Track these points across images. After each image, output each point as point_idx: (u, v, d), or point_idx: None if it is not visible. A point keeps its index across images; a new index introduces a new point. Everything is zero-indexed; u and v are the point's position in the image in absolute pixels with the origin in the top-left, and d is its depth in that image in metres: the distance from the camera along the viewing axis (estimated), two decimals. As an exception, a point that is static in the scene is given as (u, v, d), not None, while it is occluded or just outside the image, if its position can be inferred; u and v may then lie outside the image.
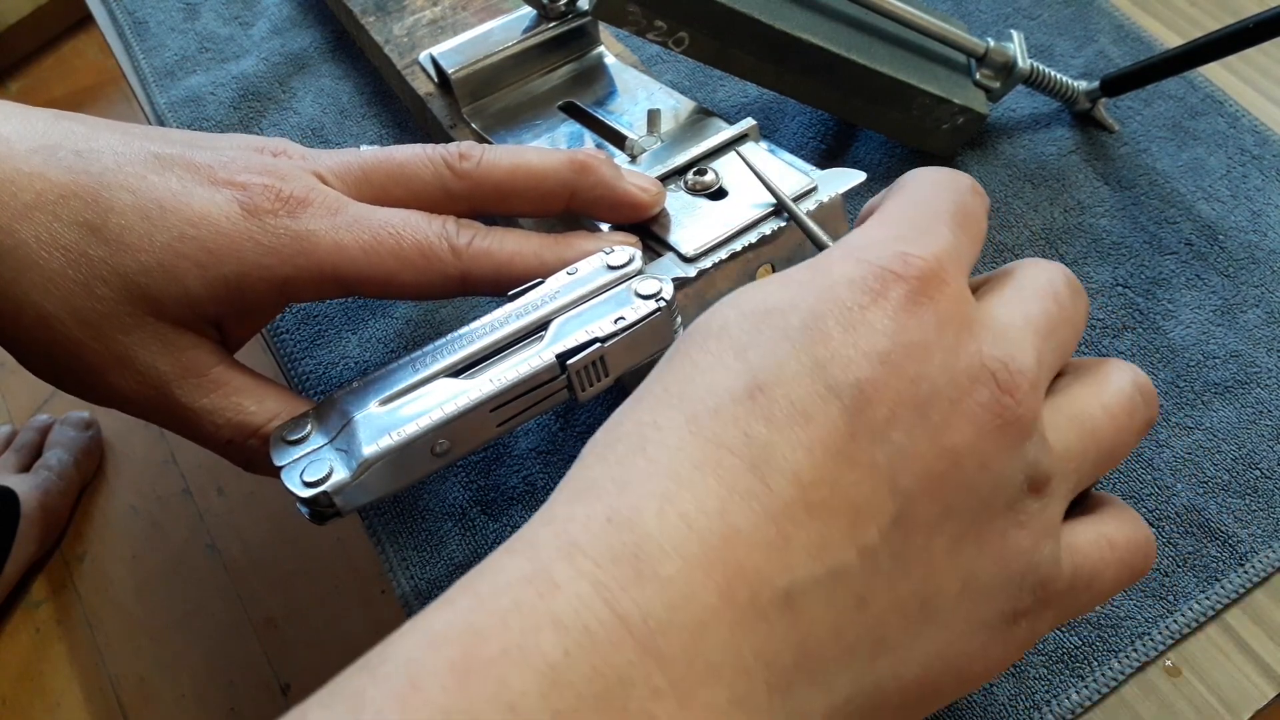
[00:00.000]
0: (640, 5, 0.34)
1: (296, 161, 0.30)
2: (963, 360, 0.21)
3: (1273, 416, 0.35)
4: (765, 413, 0.20)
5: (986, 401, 0.20)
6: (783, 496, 0.19)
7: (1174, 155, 0.41)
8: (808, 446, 0.19)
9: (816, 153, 0.43)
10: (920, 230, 0.22)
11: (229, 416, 0.28)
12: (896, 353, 0.20)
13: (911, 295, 0.21)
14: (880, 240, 0.22)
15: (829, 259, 0.22)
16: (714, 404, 0.20)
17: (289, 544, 1.17)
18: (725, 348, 0.21)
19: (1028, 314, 0.22)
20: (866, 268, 0.21)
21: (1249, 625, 0.32)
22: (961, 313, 0.21)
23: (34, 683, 1.12)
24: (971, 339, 0.21)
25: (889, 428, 0.20)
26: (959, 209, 0.23)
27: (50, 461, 1.19)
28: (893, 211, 0.24)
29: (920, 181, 0.24)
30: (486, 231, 0.30)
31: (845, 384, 0.20)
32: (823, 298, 0.21)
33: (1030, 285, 0.23)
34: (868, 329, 0.20)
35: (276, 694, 1.08)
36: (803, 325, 0.21)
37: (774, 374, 0.20)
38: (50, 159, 0.28)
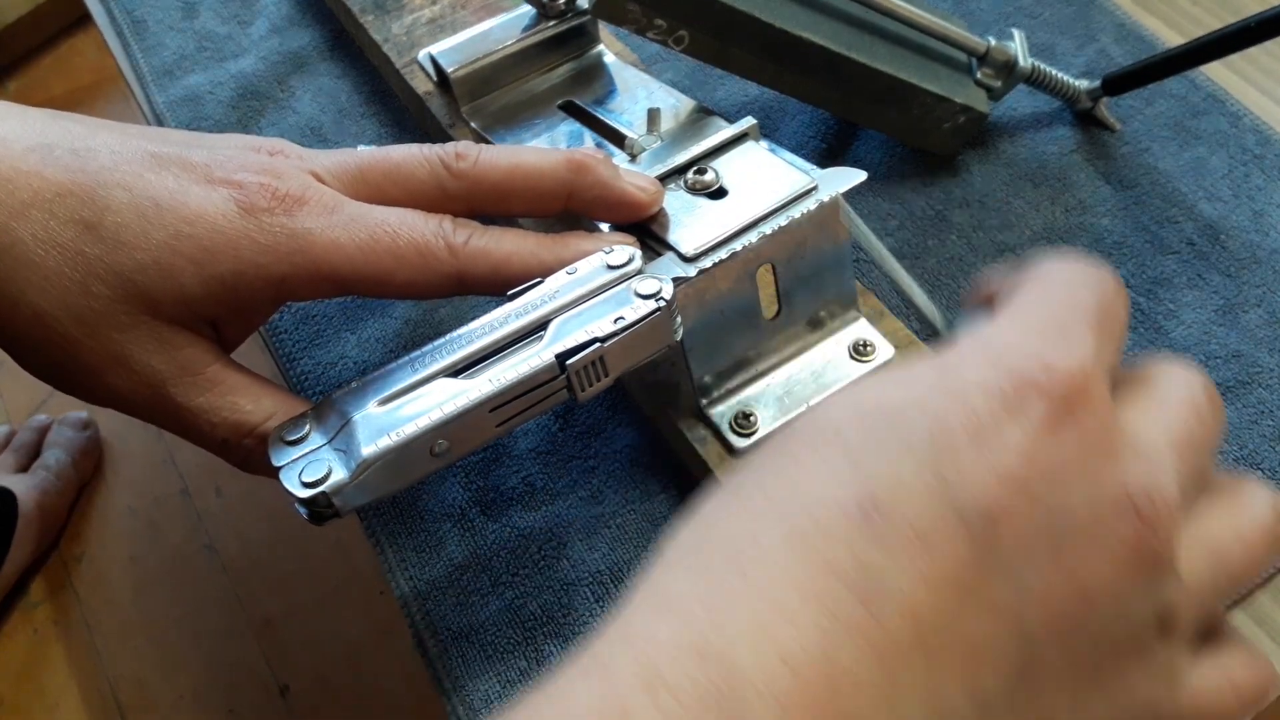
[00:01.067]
0: (640, 4, 0.34)
1: (293, 161, 0.30)
2: (1105, 489, 0.18)
3: (1274, 417, 0.35)
4: (880, 535, 0.17)
5: (1128, 537, 0.18)
6: (894, 635, 0.17)
7: (1176, 154, 0.41)
8: (926, 579, 0.17)
9: (817, 152, 0.43)
10: (1063, 334, 0.20)
11: (225, 416, 0.28)
12: (1033, 477, 0.18)
13: (1054, 412, 0.18)
14: (1018, 343, 0.20)
15: (960, 358, 0.20)
16: (823, 519, 0.18)
17: (287, 545, 1.17)
18: (837, 453, 0.19)
19: (1170, 432, 0.20)
20: (1004, 375, 0.19)
21: (1250, 626, 0.32)
22: (1105, 434, 0.19)
23: (32, 684, 1.12)
24: (1115, 464, 0.19)
25: (1019, 563, 0.18)
26: (1103, 309, 0.21)
27: (48, 462, 1.19)
28: (1030, 308, 0.21)
29: (1060, 274, 0.22)
30: (483, 230, 0.30)
31: (974, 510, 0.18)
32: (953, 405, 0.19)
33: (1173, 397, 0.21)
34: (1002, 447, 0.18)
35: (275, 695, 1.08)
36: (929, 436, 0.18)
37: (893, 491, 0.18)
38: (47, 157, 0.27)
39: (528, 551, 0.34)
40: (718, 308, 0.31)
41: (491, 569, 0.34)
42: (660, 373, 0.33)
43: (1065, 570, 0.18)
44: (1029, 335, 0.20)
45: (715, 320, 0.31)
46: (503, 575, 0.33)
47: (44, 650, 1.14)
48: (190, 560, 1.18)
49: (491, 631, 0.32)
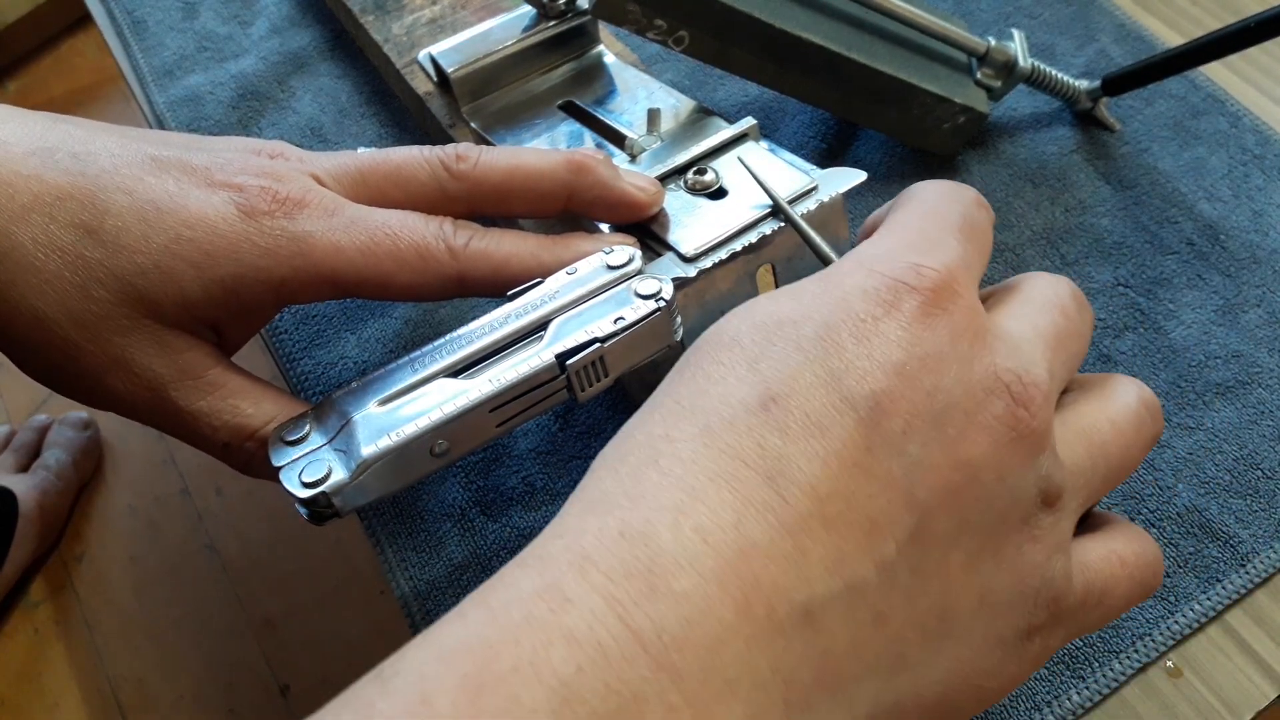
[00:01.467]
0: (640, 4, 0.34)
1: (293, 163, 0.30)
2: (977, 372, 0.20)
3: (1274, 417, 0.35)
4: (780, 424, 0.19)
5: (1002, 414, 0.20)
6: (799, 509, 0.19)
7: (1175, 155, 0.41)
8: (823, 458, 0.19)
9: (817, 152, 0.43)
10: (931, 242, 0.22)
11: (226, 419, 0.28)
12: (911, 364, 0.20)
13: (925, 306, 0.21)
14: (891, 251, 0.22)
15: (840, 270, 0.22)
16: (728, 415, 0.20)
17: (288, 545, 1.17)
18: (738, 359, 0.21)
19: (1037, 326, 0.22)
20: (879, 279, 0.21)
21: (1250, 626, 0.32)
22: (975, 324, 0.21)
23: (32, 684, 1.12)
24: (985, 351, 0.21)
25: (905, 440, 0.20)
26: (967, 221, 0.23)
27: (48, 462, 1.19)
28: (901, 223, 0.23)
29: (926, 194, 0.24)
30: (484, 232, 0.30)
31: (860, 396, 0.20)
32: (836, 309, 0.21)
33: (1038, 298, 0.23)
34: (882, 340, 0.20)
35: (275, 695, 1.08)
36: (816, 336, 0.20)
37: (788, 385, 0.20)
38: (47, 161, 0.27)
39: (528, 551, 0.34)
40: (718, 308, 0.31)
41: (492, 569, 0.34)
42: (660, 373, 0.33)
43: (947, 445, 0.20)
44: (901, 245, 0.22)
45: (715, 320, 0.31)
46: (503, 575, 0.33)
47: (44, 650, 1.14)
48: (190, 560, 1.18)
49: (492, 631, 0.32)
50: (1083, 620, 0.23)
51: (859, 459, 0.19)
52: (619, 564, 0.18)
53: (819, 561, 0.19)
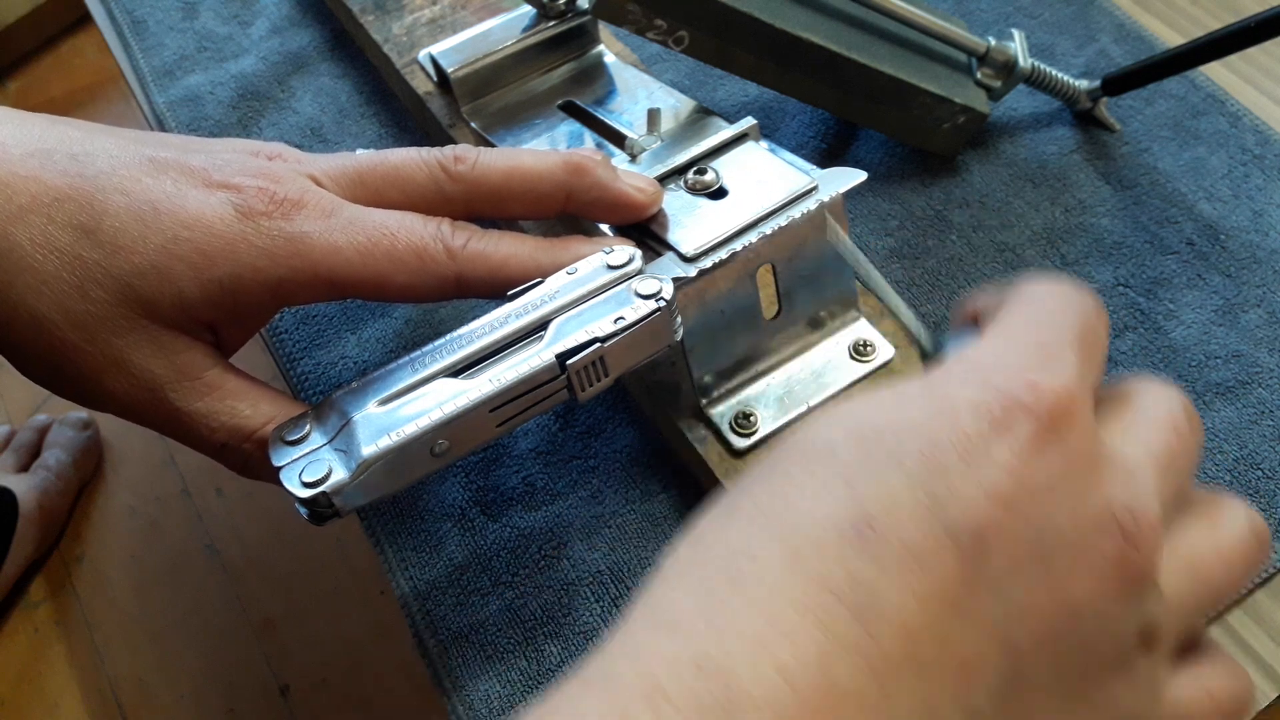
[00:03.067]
0: (640, 4, 0.34)
1: (291, 165, 0.30)
2: (1089, 507, 0.19)
3: (1274, 417, 0.35)
4: (874, 553, 0.18)
5: (1112, 554, 0.19)
6: (888, 651, 0.17)
7: (1175, 155, 0.41)
8: (919, 595, 0.18)
9: (817, 152, 0.43)
10: (1048, 355, 0.20)
11: (223, 420, 0.28)
12: (1021, 496, 0.18)
13: (1041, 431, 0.19)
14: (1005, 363, 0.20)
15: (949, 377, 0.20)
16: (817, 537, 0.18)
17: (288, 545, 1.17)
18: (831, 472, 0.19)
19: (1151, 449, 0.21)
20: (992, 395, 0.19)
21: (1250, 626, 0.32)
22: (1090, 453, 0.19)
23: (32, 684, 1.12)
24: (1099, 482, 0.19)
25: (1008, 580, 0.18)
26: (1087, 331, 0.21)
27: (49, 461, 1.19)
28: (1015, 328, 0.21)
29: (1044, 296, 0.22)
30: (482, 234, 0.30)
31: (964, 528, 0.18)
32: (943, 424, 0.19)
33: (1152, 415, 0.22)
34: (991, 466, 0.18)
35: (275, 695, 1.08)
36: (920, 455, 0.19)
37: (885, 509, 0.18)
38: (45, 162, 0.27)
39: (528, 551, 0.34)
40: (718, 308, 0.31)
41: (491, 569, 0.34)
42: (660, 373, 0.33)
43: (1051, 586, 0.18)
44: (1016, 356, 0.20)
45: (715, 320, 0.31)
46: (503, 575, 0.33)
47: (44, 650, 1.14)
48: (191, 560, 1.18)
49: (491, 631, 0.32)
50: None
51: (957, 598, 0.18)
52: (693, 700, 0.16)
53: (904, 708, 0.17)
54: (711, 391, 0.32)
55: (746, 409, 0.32)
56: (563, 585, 0.33)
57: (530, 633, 0.32)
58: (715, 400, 0.32)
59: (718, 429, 0.32)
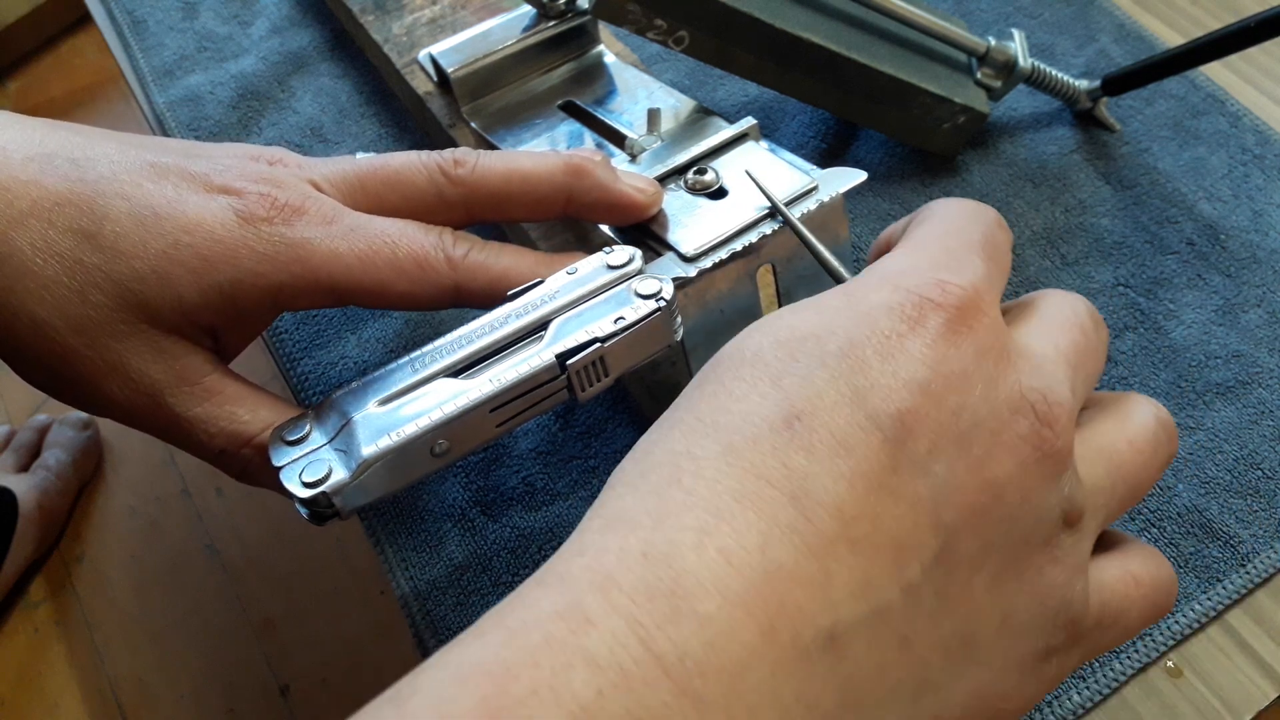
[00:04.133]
0: (640, 4, 0.34)
1: (292, 170, 0.30)
2: (1002, 391, 0.20)
3: (1274, 417, 0.35)
4: (804, 443, 0.19)
5: (1027, 433, 0.20)
6: (825, 531, 0.18)
7: (1175, 154, 0.41)
8: (849, 479, 0.19)
9: (817, 152, 0.43)
10: (955, 259, 0.22)
11: (222, 426, 0.28)
12: (937, 382, 0.20)
13: (951, 324, 0.20)
14: (915, 268, 0.22)
15: (864, 285, 0.22)
16: (751, 433, 0.19)
17: (288, 545, 1.17)
18: (760, 375, 0.20)
19: (1058, 345, 0.22)
20: (904, 294, 0.21)
21: (1250, 626, 0.32)
22: (999, 343, 0.21)
23: (32, 684, 1.12)
24: (1010, 369, 0.21)
25: (931, 460, 0.19)
26: (989, 240, 0.23)
27: (49, 461, 1.19)
28: (924, 239, 0.23)
29: (948, 211, 0.24)
30: (483, 245, 0.30)
31: (886, 414, 0.19)
32: (860, 324, 0.20)
33: (1058, 316, 0.23)
34: (907, 357, 0.20)
35: (275, 695, 1.08)
36: (840, 352, 0.20)
37: (812, 403, 0.19)
38: (46, 167, 0.27)
39: (528, 551, 0.34)
40: (718, 308, 0.31)
41: (492, 569, 0.34)
42: (660, 373, 0.33)
43: (973, 464, 0.20)
44: (925, 261, 0.22)
45: (715, 320, 0.31)
46: (503, 575, 0.33)
47: (44, 650, 1.14)
48: (191, 560, 1.18)
49: (492, 631, 0.32)
50: (1098, 641, 0.22)
51: (885, 479, 0.19)
52: (642, 585, 0.17)
53: (844, 585, 0.18)
54: (711, 391, 0.32)
55: (746, 409, 0.32)
56: (563, 585, 0.33)
57: (530, 633, 0.32)
58: (715, 400, 0.32)
59: (718, 429, 0.32)
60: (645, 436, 0.21)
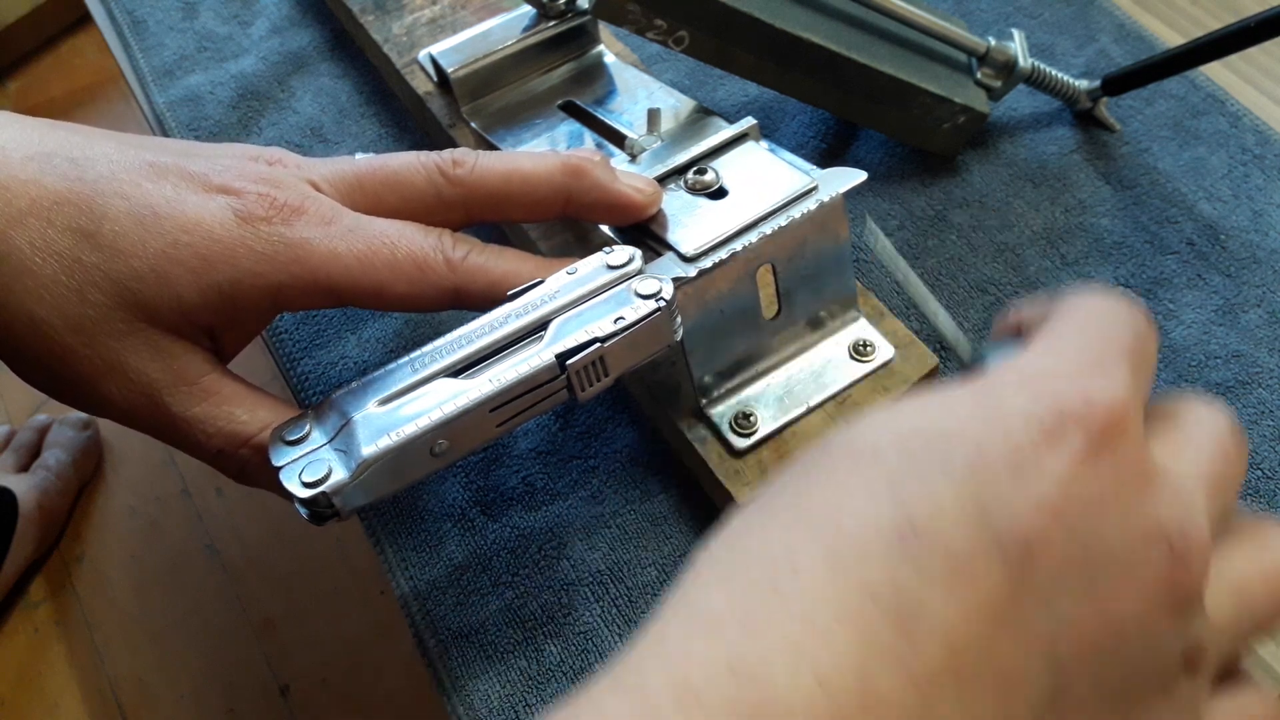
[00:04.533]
0: (640, 4, 0.34)
1: (291, 170, 0.30)
2: (1138, 522, 0.19)
3: (1274, 417, 0.35)
4: (918, 560, 0.17)
5: (1160, 571, 0.19)
6: (929, 661, 0.17)
7: (1175, 155, 0.41)
8: (963, 605, 0.17)
9: (817, 152, 0.43)
10: (1101, 367, 0.20)
11: (220, 426, 0.28)
12: (1071, 508, 0.18)
13: (1092, 444, 0.18)
14: (1056, 372, 0.20)
15: (999, 384, 0.20)
16: (860, 542, 0.18)
17: (288, 545, 1.17)
18: (876, 475, 0.19)
19: (1200, 469, 0.21)
20: (1044, 404, 0.19)
21: (1251, 626, 0.32)
22: (1141, 468, 0.19)
23: (32, 684, 1.12)
24: (1149, 498, 0.19)
25: (1054, 592, 0.18)
26: (1138, 345, 0.21)
27: (49, 461, 1.19)
28: (1066, 339, 0.21)
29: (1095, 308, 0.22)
30: (483, 248, 0.30)
31: (1011, 538, 0.18)
32: (992, 432, 0.19)
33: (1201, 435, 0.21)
34: (1041, 477, 0.18)
35: (275, 695, 1.08)
36: (968, 462, 0.18)
37: (931, 516, 0.18)
38: (45, 166, 0.27)
39: (528, 551, 0.34)
40: (718, 308, 0.31)
41: (491, 569, 0.34)
42: (660, 373, 0.33)
43: (1098, 601, 0.18)
44: (1068, 366, 0.20)
45: (715, 320, 0.31)
46: (503, 575, 0.33)
47: (44, 650, 1.14)
48: (191, 560, 1.18)
49: (491, 631, 0.32)
50: None
51: (1002, 610, 0.17)
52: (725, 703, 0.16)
53: None
54: (711, 392, 0.32)
55: (746, 409, 0.32)
56: (563, 585, 0.33)
57: (530, 633, 0.32)
58: (715, 400, 0.32)
59: (718, 429, 0.32)
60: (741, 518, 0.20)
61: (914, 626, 0.17)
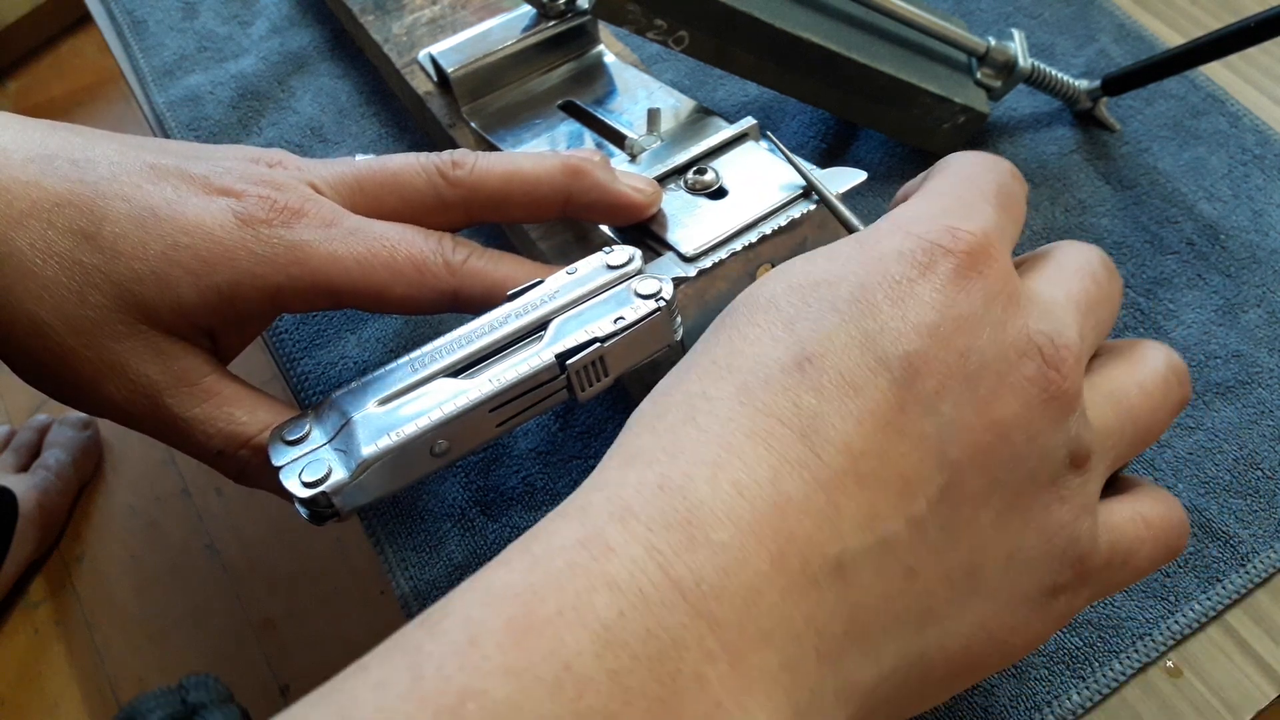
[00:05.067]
0: (640, 4, 0.34)
1: (292, 172, 0.30)
2: (1010, 334, 0.21)
3: (1274, 417, 0.35)
4: (815, 384, 0.20)
5: (1034, 375, 0.21)
6: (833, 466, 0.19)
7: (1175, 154, 0.41)
8: (857, 417, 0.20)
9: (817, 152, 0.43)
10: (966, 207, 0.23)
11: (220, 427, 0.28)
12: (945, 326, 0.20)
13: (960, 269, 0.21)
14: (927, 215, 0.22)
15: (876, 232, 0.22)
16: (764, 375, 0.20)
17: (288, 545, 1.17)
18: (774, 319, 0.21)
19: (1069, 291, 0.23)
20: (915, 241, 0.21)
21: (1250, 625, 0.32)
22: (1008, 288, 0.21)
23: (32, 684, 1.12)
24: (1018, 313, 0.21)
25: (938, 400, 0.20)
26: (1002, 189, 0.24)
27: (48, 461, 1.19)
28: (937, 189, 0.24)
29: (962, 162, 0.25)
30: (482, 252, 0.30)
31: (894, 356, 0.20)
32: (871, 270, 0.21)
33: (1070, 264, 0.24)
34: (916, 302, 0.21)
35: (275, 695, 1.08)
36: (851, 297, 0.21)
37: (823, 345, 0.20)
38: (46, 168, 0.27)
39: (528, 551, 0.34)
40: (718, 308, 0.31)
41: (491, 569, 0.34)
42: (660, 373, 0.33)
43: (979, 405, 0.20)
44: (937, 209, 0.23)
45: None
46: (503, 575, 0.33)
47: (44, 650, 1.14)
48: (191, 560, 1.18)
49: (491, 631, 0.32)
50: (1108, 580, 0.23)
51: (892, 418, 0.20)
52: (659, 515, 0.18)
53: (852, 517, 0.19)
54: (711, 391, 0.32)
55: (746, 409, 0.32)
56: (563, 585, 0.33)
57: (530, 633, 0.32)
58: (715, 400, 0.32)
59: (718, 429, 0.32)
60: (663, 381, 0.22)
61: (816, 438, 0.19)
